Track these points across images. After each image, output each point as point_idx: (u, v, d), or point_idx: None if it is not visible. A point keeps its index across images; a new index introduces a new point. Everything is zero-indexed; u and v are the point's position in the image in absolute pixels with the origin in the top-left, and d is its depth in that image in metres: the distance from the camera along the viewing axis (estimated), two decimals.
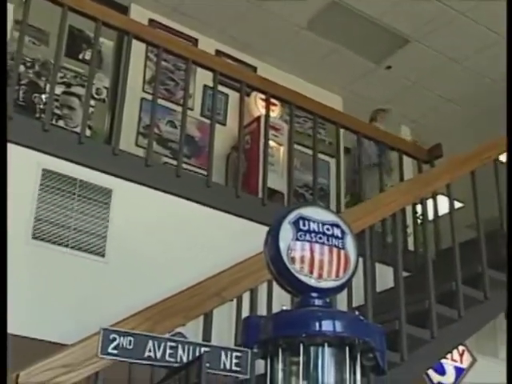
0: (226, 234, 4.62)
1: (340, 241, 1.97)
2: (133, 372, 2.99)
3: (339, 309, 2.51)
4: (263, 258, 2.01)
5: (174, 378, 1.76)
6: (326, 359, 1.82)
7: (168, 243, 4.48)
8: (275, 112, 6.46)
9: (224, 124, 6.52)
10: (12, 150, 4.16)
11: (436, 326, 3.90)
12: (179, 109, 5.60)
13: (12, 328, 3.85)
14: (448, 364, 5.33)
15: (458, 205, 5.50)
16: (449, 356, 5.10)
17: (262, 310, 3.61)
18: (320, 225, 1.96)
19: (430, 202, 4.86)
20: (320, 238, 1.94)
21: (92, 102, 5.64)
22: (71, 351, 2.87)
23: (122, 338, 1.77)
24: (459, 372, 5.43)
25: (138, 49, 5.36)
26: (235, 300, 3.57)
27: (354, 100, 7.47)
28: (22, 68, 5.67)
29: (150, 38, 4.97)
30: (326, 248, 1.93)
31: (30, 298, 4.00)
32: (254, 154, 6.02)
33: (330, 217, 2.00)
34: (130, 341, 1.77)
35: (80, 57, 6.22)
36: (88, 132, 5.28)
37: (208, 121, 5.58)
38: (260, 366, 2.05)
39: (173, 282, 4.19)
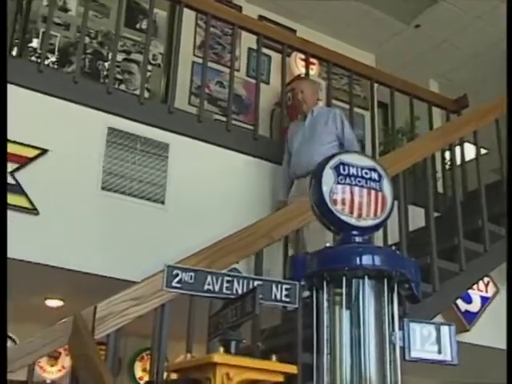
0: (273, 181, 4.62)
1: (377, 183, 1.93)
2: (193, 304, 3.02)
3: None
4: (306, 202, 1.99)
5: (231, 307, 1.77)
6: (366, 290, 1.81)
7: (220, 191, 4.50)
8: (314, 70, 6.37)
9: (267, 83, 6.45)
10: (81, 111, 4.20)
11: (464, 260, 3.87)
12: (227, 70, 5.56)
13: (88, 268, 3.96)
14: (474, 294, 5.29)
15: (483, 151, 5.39)
16: (475, 286, 5.06)
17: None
18: (359, 169, 1.92)
19: (457, 149, 4.78)
20: (359, 182, 1.91)
21: (149, 67, 5.62)
22: (140, 286, 2.92)
23: (184, 274, 1.78)
24: (484, 301, 5.39)
25: (188, 17, 5.31)
26: (282, 240, 3.58)
27: (386, 57, 7.32)
28: (87, 39, 5.67)
29: (199, 6, 4.91)
30: (365, 190, 1.90)
31: (101, 243, 4.06)
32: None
33: (368, 162, 1.97)
34: (191, 276, 1.78)
35: (137, 27, 6.19)
36: (146, 94, 5.28)
37: (253, 80, 5.54)
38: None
39: (226, 225, 4.21)
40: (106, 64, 5.85)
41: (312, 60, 5.60)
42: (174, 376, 1.79)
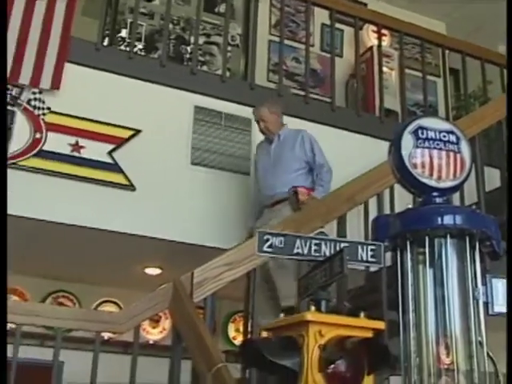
0: (351, 149, 4.57)
1: (455, 146, 1.87)
2: None
3: None
4: (385, 167, 1.96)
5: (320, 269, 1.76)
6: (449, 249, 1.77)
7: None
8: (386, 41, 6.22)
9: (341, 56, 6.34)
10: (168, 92, 4.27)
11: None
12: (302, 46, 5.51)
13: (183, 238, 4.04)
14: None
15: None
16: None
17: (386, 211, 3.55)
18: (437, 133, 1.87)
19: None
20: (437, 145, 1.85)
21: (228, 48, 5.63)
22: (232, 252, 2.95)
23: (274, 239, 1.78)
24: None
25: None
26: (363, 204, 3.54)
27: (456, 25, 7.06)
28: (170, 26, 5.72)
29: None
30: (444, 153, 1.85)
31: (194, 214, 4.14)
32: (369, 79, 5.86)
33: (446, 125, 1.91)
34: (281, 240, 1.78)
35: (216, 11, 6.20)
36: (227, 73, 5.31)
37: (327, 54, 5.47)
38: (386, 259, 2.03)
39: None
40: (189, 48, 5.90)
41: (383, 31, 5.47)
42: (266, 335, 1.81)
